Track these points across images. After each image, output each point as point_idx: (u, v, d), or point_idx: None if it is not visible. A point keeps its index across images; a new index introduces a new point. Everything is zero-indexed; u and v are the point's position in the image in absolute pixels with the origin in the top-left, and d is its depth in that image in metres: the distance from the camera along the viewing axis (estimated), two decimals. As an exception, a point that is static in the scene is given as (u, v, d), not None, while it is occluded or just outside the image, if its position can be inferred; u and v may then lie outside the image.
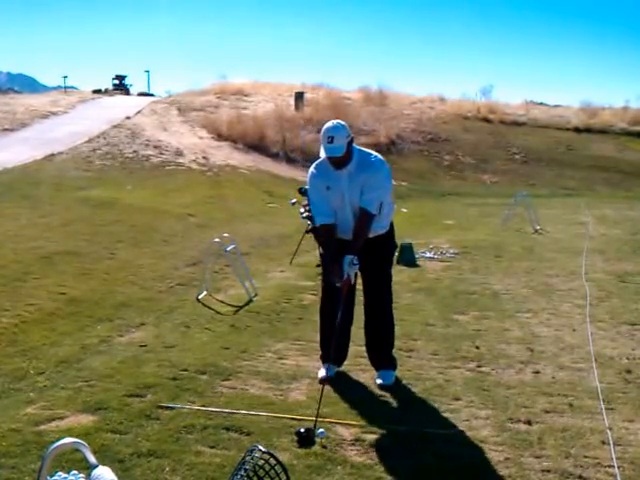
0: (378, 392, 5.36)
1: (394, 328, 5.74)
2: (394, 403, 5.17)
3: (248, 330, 7.20)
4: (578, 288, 9.12)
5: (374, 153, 5.40)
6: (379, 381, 5.50)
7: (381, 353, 5.64)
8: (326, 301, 5.62)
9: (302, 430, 4.44)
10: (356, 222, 5.23)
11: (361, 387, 5.48)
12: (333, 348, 5.28)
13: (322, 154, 5.25)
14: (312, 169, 5.44)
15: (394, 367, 5.66)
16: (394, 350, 5.75)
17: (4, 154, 20.41)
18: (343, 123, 5.21)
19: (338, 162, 5.17)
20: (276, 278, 10.01)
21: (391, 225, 5.57)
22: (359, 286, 5.68)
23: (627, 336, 6.95)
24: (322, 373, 5.57)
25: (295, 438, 4.40)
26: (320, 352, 5.79)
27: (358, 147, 5.35)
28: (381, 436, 4.54)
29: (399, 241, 10.92)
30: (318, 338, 5.85)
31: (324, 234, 5.39)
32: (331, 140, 5.08)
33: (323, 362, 5.68)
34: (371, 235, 5.31)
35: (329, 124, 5.20)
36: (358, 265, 5.13)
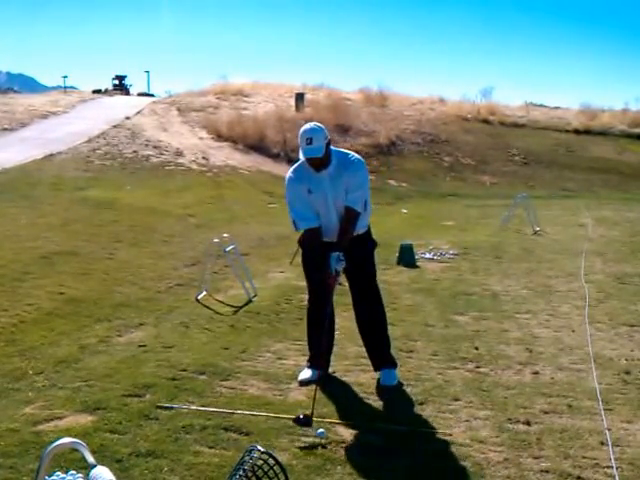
0: (378, 392, 5.36)
1: (387, 324, 5.74)
2: (394, 403, 5.17)
3: (247, 330, 7.20)
4: (577, 289, 9.12)
5: (351, 152, 5.45)
6: (382, 381, 5.51)
7: (380, 351, 5.64)
8: (314, 305, 5.63)
9: (301, 416, 4.53)
10: (343, 220, 5.25)
11: (361, 387, 5.47)
12: (324, 354, 5.33)
13: (301, 156, 5.24)
14: (290, 174, 5.42)
15: (395, 365, 5.67)
16: (393, 350, 5.76)
17: (3, 154, 20.41)
18: (321, 125, 5.23)
19: (318, 163, 5.18)
20: (276, 278, 10.00)
21: (369, 226, 5.60)
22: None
23: (626, 337, 6.95)
24: (305, 375, 5.57)
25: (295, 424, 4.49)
26: (308, 354, 5.79)
27: (335, 148, 5.38)
28: (381, 436, 4.54)
29: (399, 242, 11.08)
30: (306, 340, 5.88)
31: (310, 238, 5.38)
32: (310, 141, 5.08)
33: (310, 365, 5.67)
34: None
35: (307, 126, 5.21)
36: (344, 262, 5.13)
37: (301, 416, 4.53)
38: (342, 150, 5.46)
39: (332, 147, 5.30)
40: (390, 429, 4.63)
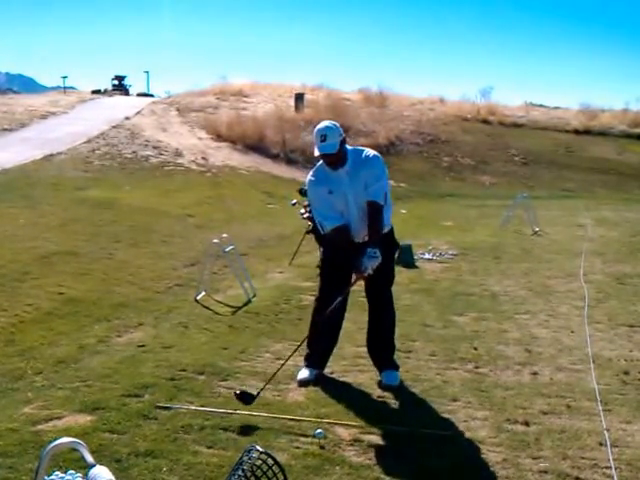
0: (376, 393, 5.37)
1: (395, 330, 5.76)
2: (392, 404, 5.18)
3: (246, 331, 7.21)
4: (576, 290, 9.13)
5: (367, 149, 5.47)
6: (384, 381, 5.51)
7: (385, 354, 5.66)
8: (322, 304, 5.63)
9: (237, 391, 4.73)
10: (368, 215, 5.23)
11: (359, 388, 5.49)
12: (326, 352, 5.35)
13: (316, 153, 5.25)
14: (310, 177, 5.46)
15: (397, 367, 5.69)
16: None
17: (3, 154, 20.38)
18: (335, 123, 5.29)
19: (333, 160, 5.21)
20: (275, 279, 10.02)
21: (391, 226, 5.60)
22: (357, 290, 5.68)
23: (625, 338, 6.96)
24: (303, 375, 5.58)
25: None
26: (306, 352, 5.78)
27: (350, 146, 5.40)
28: (379, 437, 4.55)
29: (398, 242, 11.03)
30: (307, 338, 5.85)
31: (338, 237, 5.34)
32: (324, 138, 5.13)
33: (307, 364, 5.68)
34: None
35: (321, 124, 5.27)
36: (380, 258, 5.06)
37: (237, 391, 4.68)
38: (358, 147, 5.50)
39: (348, 146, 5.33)
40: (389, 429, 4.64)
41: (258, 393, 4.80)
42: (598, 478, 3.98)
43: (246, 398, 4.73)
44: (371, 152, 5.39)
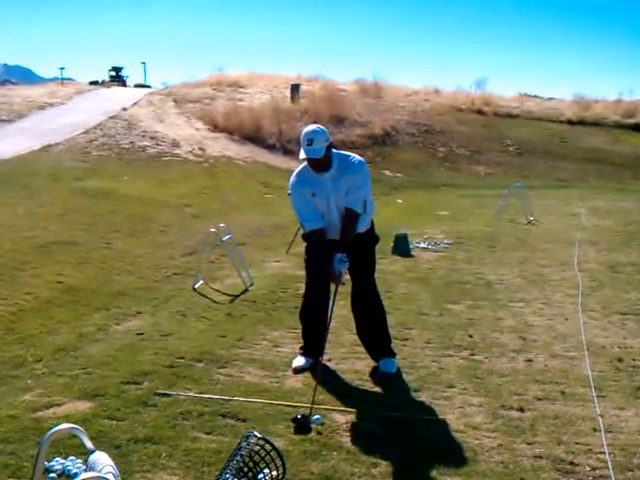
0: (373, 379, 5.43)
1: (386, 321, 5.81)
2: (389, 390, 5.23)
3: (244, 319, 7.26)
4: (570, 278, 9.18)
5: (352, 154, 5.50)
6: (381, 369, 5.57)
7: (379, 342, 5.71)
8: (309, 297, 5.74)
9: (299, 417, 4.49)
10: (343, 221, 5.32)
11: (357, 374, 5.53)
12: (319, 343, 5.40)
13: (302, 155, 5.28)
14: (293, 178, 5.49)
15: (394, 354, 5.74)
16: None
17: (2, 145, 20.32)
18: (323, 128, 5.29)
19: (318, 165, 5.24)
20: (272, 268, 10.06)
21: (372, 222, 5.67)
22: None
23: (618, 325, 7.02)
24: (299, 362, 5.65)
25: (292, 424, 4.46)
26: (301, 343, 5.88)
27: (336, 151, 5.43)
28: (376, 422, 4.60)
29: (394, 231, 11.12)
30: (300, 330, 5.96)
31: (316, 239, 5.42)
32: (310, 142, 5.15)
33: (303, 353, 5.75)
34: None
35: (309, 128, 5.28)
36: (348, 262, 5.22)
37: (299, 416, 4.51)
38: (343, 152, 5.51)
39: (334, 150, 5.36)
40: (385, 415, 4.69)
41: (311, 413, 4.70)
42: (592, 463, 4.03)
43: (307, 425, 4.50)
44: (356, 158, 5.43)
